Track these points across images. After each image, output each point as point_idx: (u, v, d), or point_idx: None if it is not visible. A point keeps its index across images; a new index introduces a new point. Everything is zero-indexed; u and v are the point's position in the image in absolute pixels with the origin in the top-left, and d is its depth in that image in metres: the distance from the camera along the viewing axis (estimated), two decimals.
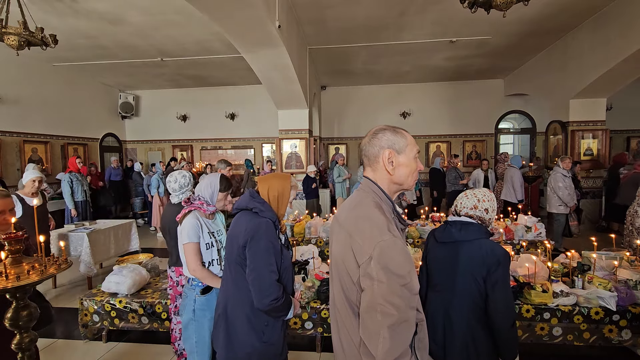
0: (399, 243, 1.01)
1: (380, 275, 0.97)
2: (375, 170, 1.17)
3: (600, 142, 6.82)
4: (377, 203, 1.12)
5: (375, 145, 1.15)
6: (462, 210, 1.66)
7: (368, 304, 0.99)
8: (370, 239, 1.01)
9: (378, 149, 1.14)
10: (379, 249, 0.98)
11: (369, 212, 1.08)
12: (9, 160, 6.74)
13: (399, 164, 1.14)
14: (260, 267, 1.51)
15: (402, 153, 1.14)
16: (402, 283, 0.97)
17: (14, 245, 1.39)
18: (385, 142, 1.14)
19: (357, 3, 4.98)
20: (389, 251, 0.98)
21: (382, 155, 1.13)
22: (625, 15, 5.09)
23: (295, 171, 7.48)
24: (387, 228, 1.03)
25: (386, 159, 1.13)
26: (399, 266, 0.97)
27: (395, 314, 0.96)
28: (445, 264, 1.60)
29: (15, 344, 1.41)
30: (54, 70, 7.69)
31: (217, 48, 6.64)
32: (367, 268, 0.99)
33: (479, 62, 7.95)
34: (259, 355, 1.57)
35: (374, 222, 1.04)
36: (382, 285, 0.96)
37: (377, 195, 1.14)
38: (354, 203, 1.18)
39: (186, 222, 1.98)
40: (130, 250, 5.26)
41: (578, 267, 2.93)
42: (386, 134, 1.15)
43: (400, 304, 0.97)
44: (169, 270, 2.63)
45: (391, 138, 1.14)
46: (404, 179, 1.16)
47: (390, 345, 0.96)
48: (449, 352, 1.55)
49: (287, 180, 1.72)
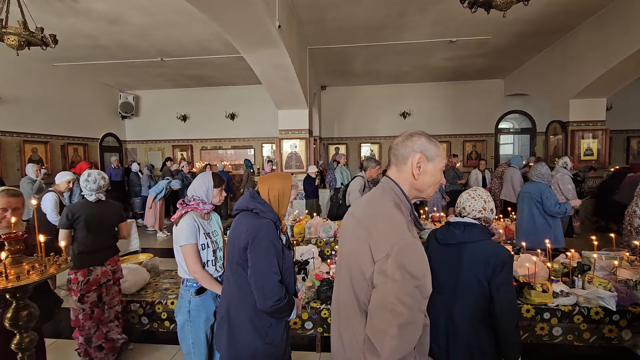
0: (418, 244, 1.02)
1: (395, 274, 0.97)
2: (401, 172, 1.18)
3: (600, 142, 6.82)
4: (396, 203, 1.13)
5: (408, 146, 1.16)
6: (471, 212, 1.65)
7: (379, 301, 1.00)
8: (390, 236, 1.01)
9: (410, 150, 1.16)
10: (397, 247, 0.98)
11: (390, 211, 1.09)
12: (9, 160, 6.74)
13: (426, 171, 1.15)
14: (262, 269, 1.50)
15: (432, 161, 1.16)
16: (415, 284, 0.98)
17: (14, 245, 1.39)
18: (419, 147, 1.15)
19: (357, 3, 4.98)
20: (407, 251, 0.99)
21: (413, 158, 1.15)
22: (625, 15, 5.09)
23: (296, 171, 7.48)
24: (407, 228, 1.04)
25: (415, 163, 1.14)
26: (415, 267, 0.98)
27: (406, 314, 0.96)
28: (447, 265, 1.59)
29: (15, 344, 1.41)
30: (54, 70, 7.69)
31: (217, 48, 6.64)
32: (383, 265, 0.99)
33: (479, 62, 7.95)
34: (262, 357, 1.56)
35: (394, 221, 1.05)
36: (396, 283, 0.97)
37: (397, 195, 1.15)
38: (372, 200, 1.18)
39: (183, 224, 1.96)
40: (130, 250, 5.26)
41: (578, 267, 2.93)
42: (421, 138, 1.17)
43: (411, 304, 0.97)
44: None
45: (425, 144, 1.16)
46: (426, 187, 1.17)
47: (397, 344, 0.96)
48: (452, 354, 1.53)
49: (287, 180, 1.71)
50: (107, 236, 2.75)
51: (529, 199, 3.70)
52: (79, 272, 2.55)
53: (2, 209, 1.91)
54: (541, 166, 3.71)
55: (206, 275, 1.97)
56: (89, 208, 2.63)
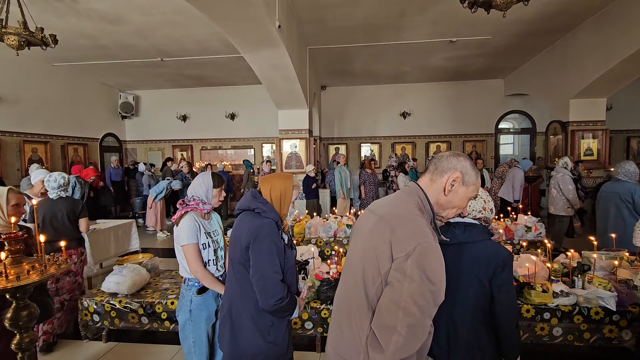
0: (440, 251, 1.03)
1: (414, 274, 0.98)
2: (434, 182, 1.21)
3: (600, 142, 6.82)
4: (420, 207, 1.15)
5: (452, 162, 1.20)
6: (471, 212, 1.66)
7: (392, 298, 1.01)
8: (414, 237, 1.03)
9: (452, 167, 1.19)
10: (420, 248, 1.00)
11: (415, 212, 1.12)
12: (9, 160, 6.74)
13: (457, 192, 1.18)
14: (264, 268, 1.51)
15: (466, 186, 1.19)
16: (431, 289, 0.99)
17: (13, 245, 1.39)
18: (461, 167, 1.19)
19: (357, 3, 4.98)
20: (429, 254, 1.00)
21: (451, 174, 1.18)
22: (625, 15, 5.10)
23: (296, 171, 7.48)
24: (431, 232, 1.06)
25: (451, 179, 1.17)
26: (433, 272, 1.00)
27: (417, 315, 0.97)
28: (448, 265, 1.59)
29: (15, 344, 1.41)
30: (54, 70, 7.69)
31: (217, 48, 6.64)
32: (403, 264, 1.00)
33: (479, 62, 7.95)
34: (265, 356, 1.57)
35: (419, 223, 1.07)
36: (413, 284, 0.98)
37: (421, 200, 1.18)
38: (397, 200, 1.20)
39: (183, 224, 1.97)
40: (130, 250, 5.26)
41: (578, 267, 2.93)
42: (467, 162, 1.21)
43: (424, 307, 0.98)
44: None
45: (468, 168, 1.19)
46: (450, 207, 1.20)
47: (403, 343, 0.97)
48: (453, 354, 1.54)
49: (289, 180, 1.72)
50: (65, 229, 3.07)
51: (616, 198, 3.49)
52: None
53: (16, 204, 1.96)
54: (629, 164, 3.50)
55: (207, 275, 1.97)
56: (47, 206, 3.02)
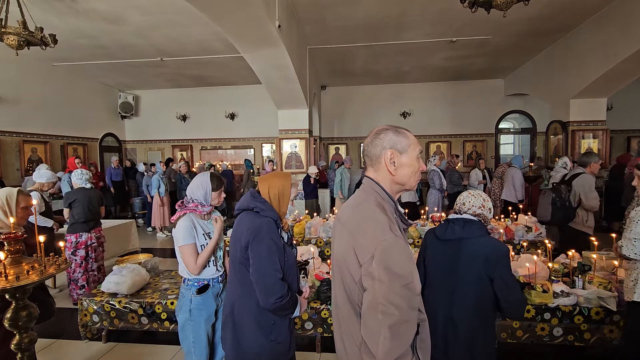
0: (401, 242, 1.01)
1: (381, 275, 0.97)
2: (378, 171, 1.17)
3: (600, 142, 6.81)
4: (379, 203, 1.12)
5: (377, 145, 1.15)
6: (470, 208, 1.70)
7: (369, 303, 0.99)
8: (372, 238, 1.01)
9: (380, 149, 1.14)
10: (380, 248, 0.98)
11: (371, 212, 1.08)
12: (9, 160, 6.74)
13: (401, 164, 1.14)
14: (264, 267, 1.52)
15: (404, 153, 1.14)
16: (403, 283, 0.97)
17: (13, 245, 1.39)
18: (388, 143, 1.14)
19: (357, 3, 4.98)
20: (390, 251, 0.98)
21: (384, 155, 1.13)
22: (626, 15, 5.09)
23: (296, 171, 7.48)
24: (389, 228, 1.03)
25: (388, 160, 1.13)
26: (400, 266, 0.97)
27: (397, 314, 0.96)
28: (446, 262, 1.63)
29: (14, 344, 1.41)
30: (54, 70, 7.69)
31: (217, 48, 6.63)
32: (369, 267, 0.99)
33: (479, 62, 7.94)
34: (268, 354, 1.58)
35: (376, 222, 1.05)
36: (384, 285, 0.96)
37: (379, 195, 1.14)
38: (356, 203, 1.18)
39: (179, 225, 2.00)
40: (130, 250, 5.26)
41: (578, 267, 2.93)
42: (388, 134, 1.15)
43: (401, 304, 0.97)
44: None
45: (393, 138, 1.14)
46: (407, 179, 1.16)
47: (390, 345, 0.96)
48: (451, 351, 1.55)
49: (287, 178, 1.73)
50: (96, 212, 3.90)
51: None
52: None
53: (25, 207, 1.95)
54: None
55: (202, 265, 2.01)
56: (83, 192, 3.85)
